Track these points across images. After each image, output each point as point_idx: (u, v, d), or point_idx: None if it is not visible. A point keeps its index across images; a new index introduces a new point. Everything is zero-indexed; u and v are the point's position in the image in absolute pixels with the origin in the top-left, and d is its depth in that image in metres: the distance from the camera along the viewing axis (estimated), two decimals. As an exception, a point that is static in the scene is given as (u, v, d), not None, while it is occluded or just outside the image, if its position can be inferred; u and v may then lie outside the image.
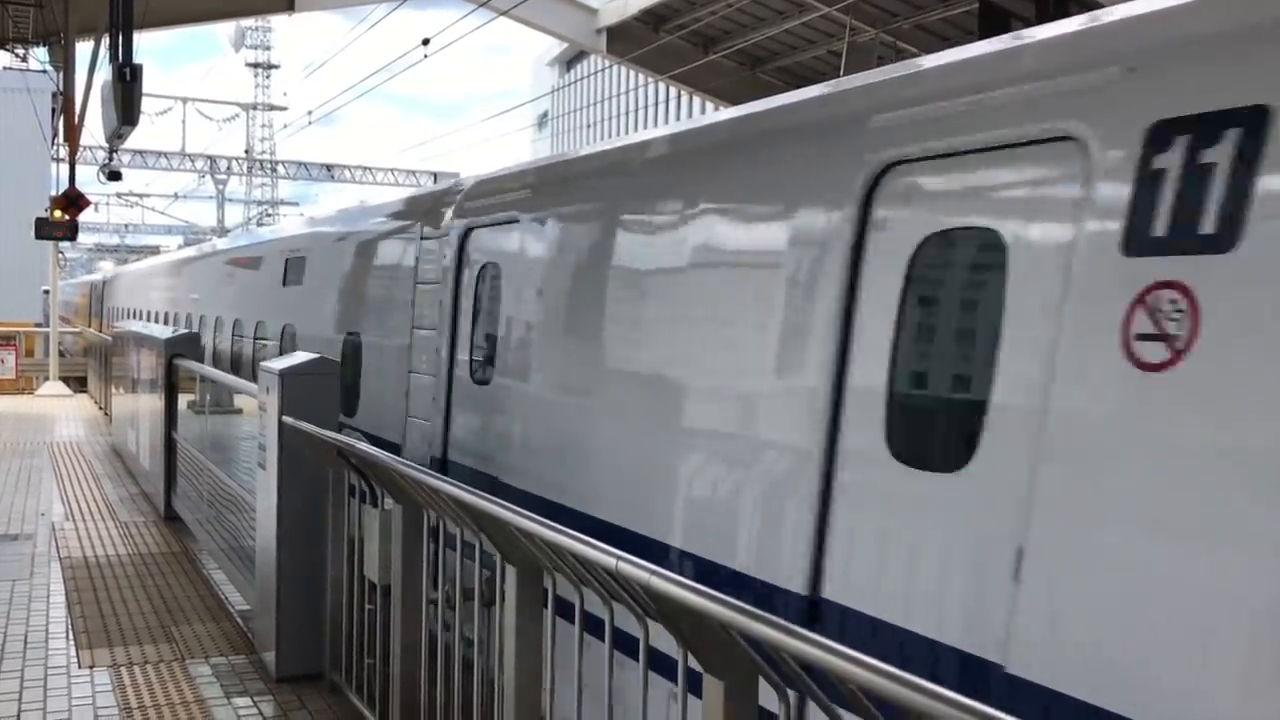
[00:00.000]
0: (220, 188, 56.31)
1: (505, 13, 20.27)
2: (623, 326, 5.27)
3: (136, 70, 15.06)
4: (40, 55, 25.90)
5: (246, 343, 13.05)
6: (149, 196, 63.78)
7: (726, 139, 4.98)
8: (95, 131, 22.09)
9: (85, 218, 26.18)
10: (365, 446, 5.09)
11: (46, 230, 21.99)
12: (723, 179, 4.70)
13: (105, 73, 17.72)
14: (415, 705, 4.64)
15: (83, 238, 56.06)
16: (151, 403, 11.02)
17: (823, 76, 18.35)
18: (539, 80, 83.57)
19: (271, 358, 7.58)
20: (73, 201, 21.99)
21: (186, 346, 10.50)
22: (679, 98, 53.55)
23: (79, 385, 23.51)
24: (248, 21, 68.15)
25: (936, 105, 3.59)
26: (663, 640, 2.80)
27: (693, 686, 2.67)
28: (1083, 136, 3.05)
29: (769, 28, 20.17)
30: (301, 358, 6.17)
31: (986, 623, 3.11)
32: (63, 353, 26.12)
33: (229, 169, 56.04)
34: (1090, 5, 9.07)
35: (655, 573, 2.62)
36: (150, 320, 21.08)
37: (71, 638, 6.59)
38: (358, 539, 5.37)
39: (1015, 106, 3.30)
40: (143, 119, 15.64)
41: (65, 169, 22.68)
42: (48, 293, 27.45)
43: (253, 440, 6.49)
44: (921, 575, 3.40)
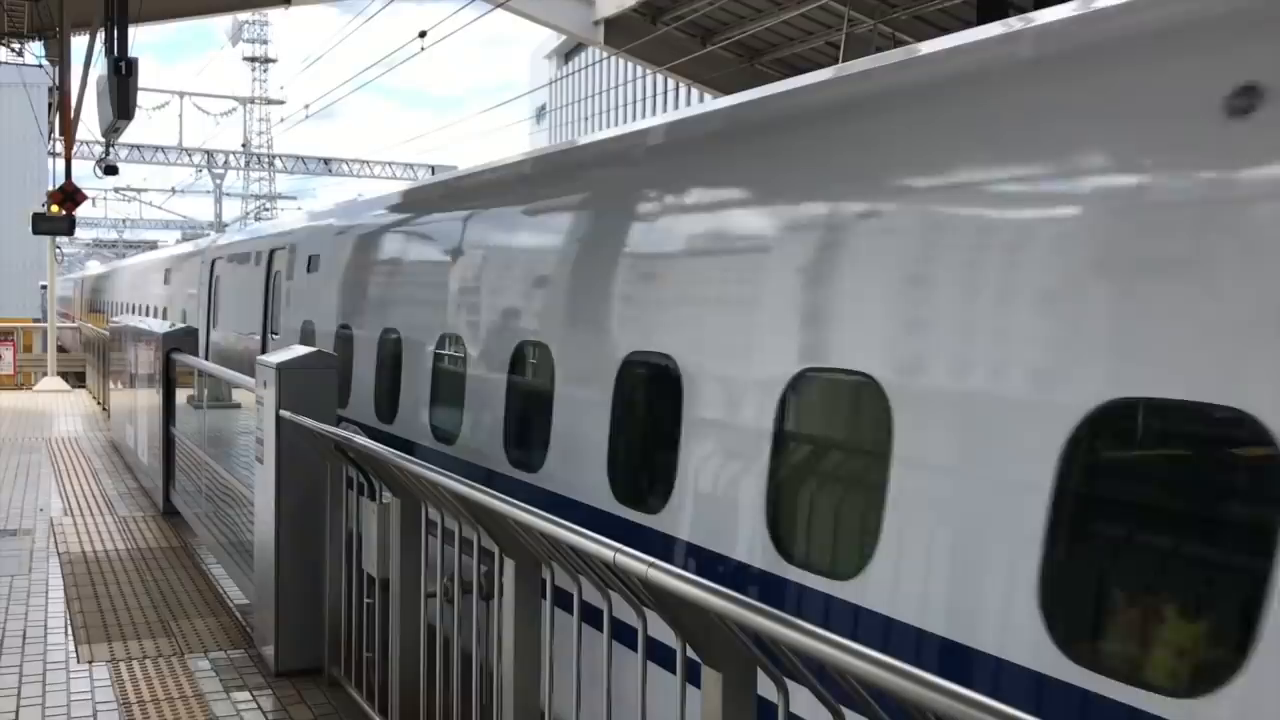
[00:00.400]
0: (218, 182, 56.29)
1: (503, 4, 20.21)
2: None
3: (132, 64, 15.04)
4: (36, 49, 25.87)
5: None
6: (146, 191, 63.86)
7: None
8: (92, 126, 22.09)
9: (83, 213, 26.12)
10: (363, 440, 5.08)
11: (44, 225, 21.97)
12: None
13: (101, 67, 17.69)
14: (415, 699, 4.63)
15: (80, 233, 56.02)
16: (149, 398, 11.00)
17: (819, 68, 18.24)
18: (537, 72, 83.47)
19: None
20: (69, 196, 21.96)
21: (184, 341, 10.48)
22: (677, 89, 53.49)
23: (78, 380, 23.49)
24: (244, 15, 68.05)
25: None
26: (662, 632, 2.79)
27: (692, 678, 2.67)
28: None
29: (767, 19, 20.11)
30: (299, 351, 6.15)
31: None
32: (62, 347, 26.10)
33: (226, 163, 56.00)
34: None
35: (653, 565, 2.61)
36: (128, 312, 26.67)
37: (70, 633, 6.59)
38: (356, 533, 5.36)
39: None
40: (139, 113, 15.65)
41: (62, 164, 22.67)
42: (45, 288, 27.44)
43: (250, 435, 6.48)
44: None
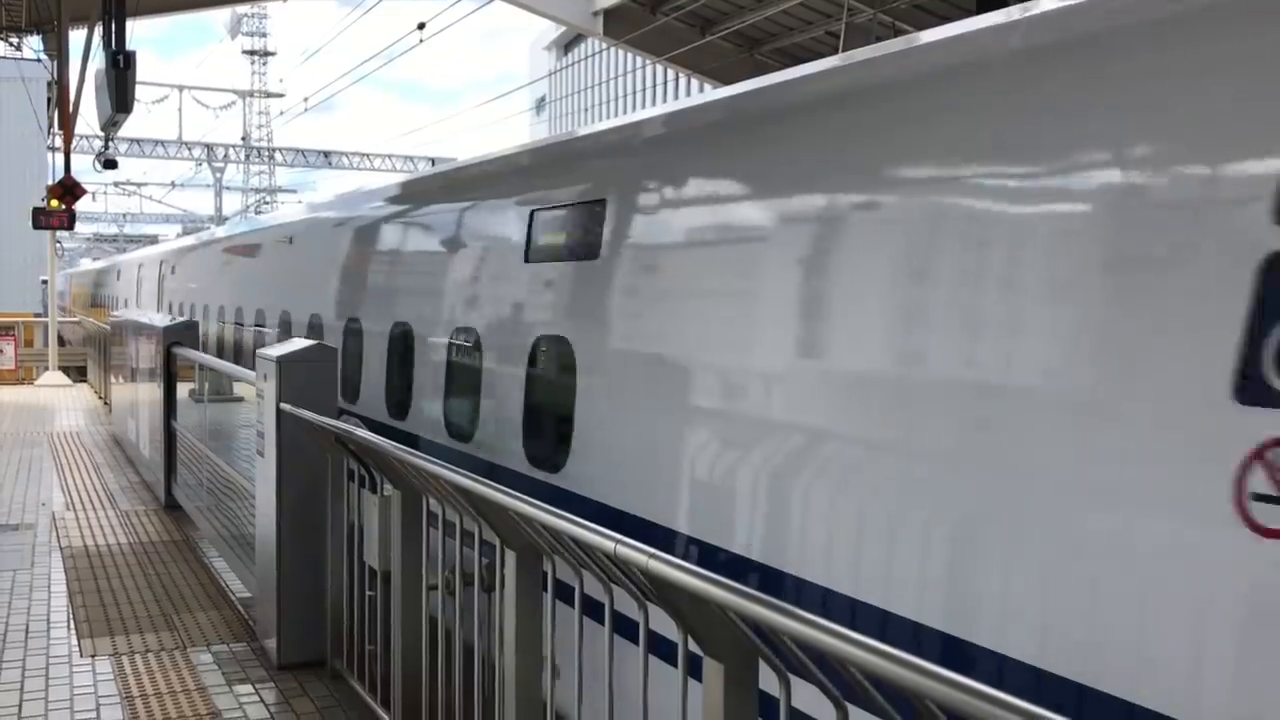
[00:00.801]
0: (218, 176, 56.21)
1: (501, -5, 20.18)
2: None
3: (130, 57, 15.02)
4: (34, 44, 25.83)
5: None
6: (146, 185, 63.82)
7: None
8: (91, 120, 22.06)
9: (83, 207, 26.15)
10: (363, 432, 5.07)
11: (44, 220, 21.96)
12: None
13: (99, 61, 17.66)
14: (417, 691, 4.64)
15: (81, 227, 55.99)
16: (151, 391, 11.00)
17: (820, 57, 18.18)
18: (536, 64, 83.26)
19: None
20: (69, 190, 21.95)
21: (184, 335, 10.48)
22: (677, 80, 53.36)
23: (79, 375, 23.49)
24: (243, 8, 67.90)
25: None
26: (664, 625, 2.78)
27: (693, 670, 2.66)
28: None
29: (766, 8, 20.05)
30: (300, 344, 6.14)
31: None
32: (63, 341, 26.10)
33: (226, 156, 55.93)
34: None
35: (654, 555, 2.60)
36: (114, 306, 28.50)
37: (73, 627, 6.59)
38: (357, 525, 5.36)
39: None
40: (139, 107, 15.63)
41: (61, 158, 22.65)
42: (46, 283, 27.44)
43: (252, 428, 6.47)
44: None
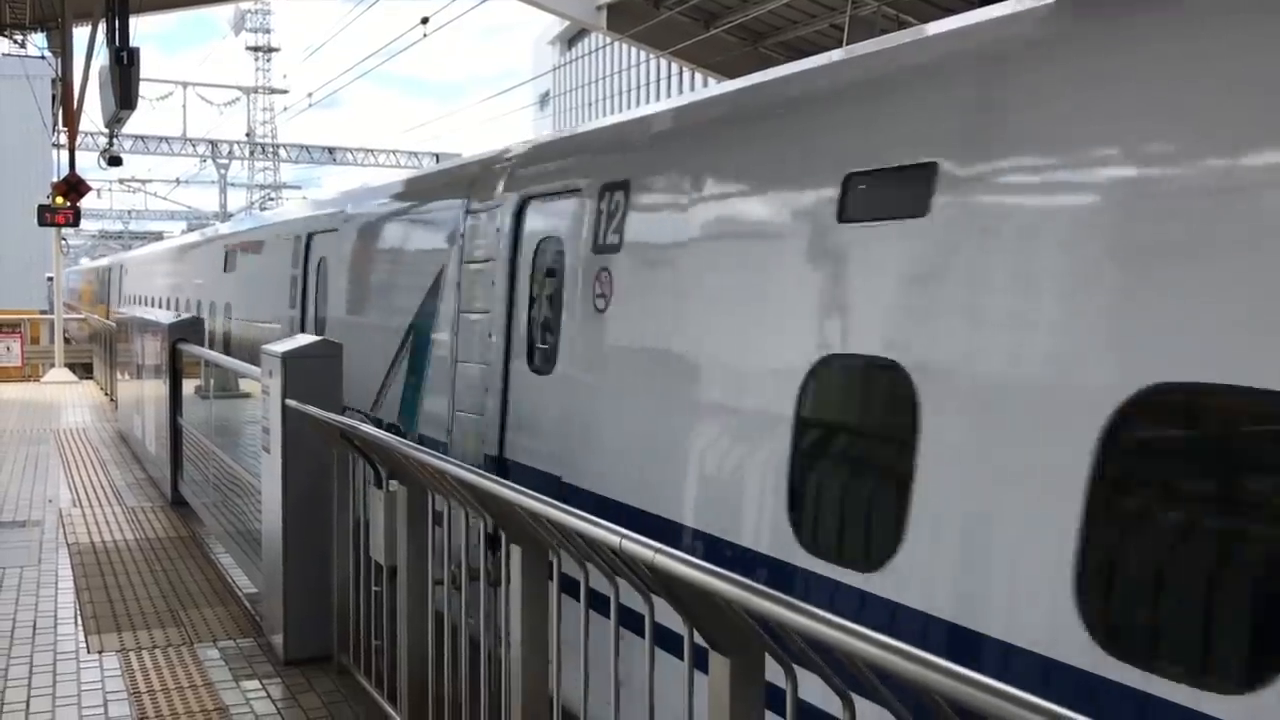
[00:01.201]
0: (222, 172, 56.24)
1: (504, -10, 20.14)
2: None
3: (134, 54, 15.03)
4: (38, 41, 25.84)
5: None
6: (151, 182, 63.76)
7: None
8: (95, 118, 22.07)
9: (88, 204, 26.25)
10: (367, 428, 5.07)
11: (49, 217, 21.99)
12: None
13: (103, 58, 17.69)
14: (423, 685, 4.64)
15: (86, 224, 56.15)
16: (156, 388, 11.02)
17: (825, 50, 18.17)
18: (540, 59, 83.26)
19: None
20: (73, 187, 21.98)
21: (190, 331, 10.49)
22: (681, 73, 53.29)
23: (85, 371, 23.54)
24: (247, 4, 68.02)
25: None
26: (670, 618, 2.78)
27: (700, 664, 2.66)
28: None
29: (770, 2, 20.01)
30: (304, 340, 6.14)
31: None
32: (68, 338, 26.15)
33: (230, 153, 55.93)
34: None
35: (660, 550, 2.60)
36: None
37: (80, 623, 6.60)
38: (363, 521, 5.36)
39: None
40: (143, 104, 15.65)
41: (66, 155, 22.66)
42: (51, 280, 27.47)
43: (257, 423, 6.48)
44: None
